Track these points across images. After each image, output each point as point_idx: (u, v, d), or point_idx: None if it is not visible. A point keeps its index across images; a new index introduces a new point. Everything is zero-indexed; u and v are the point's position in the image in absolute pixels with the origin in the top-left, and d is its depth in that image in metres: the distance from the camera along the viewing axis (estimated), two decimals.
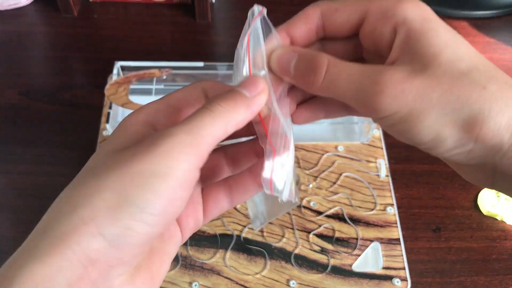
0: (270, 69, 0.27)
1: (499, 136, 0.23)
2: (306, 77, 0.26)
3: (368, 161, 0.53)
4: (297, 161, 0.52)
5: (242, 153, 0.29)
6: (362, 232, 0.48)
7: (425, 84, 0.23)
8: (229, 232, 0.47)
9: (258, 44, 0.28)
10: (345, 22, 0.27)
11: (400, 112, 0.24)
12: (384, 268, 0.46)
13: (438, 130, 0.23)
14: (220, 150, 0.29)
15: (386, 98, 0.24)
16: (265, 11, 0.27)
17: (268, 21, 0.28)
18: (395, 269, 0.46)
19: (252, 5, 0.28)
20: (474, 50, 0.24)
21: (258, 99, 0.26)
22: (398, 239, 0.48)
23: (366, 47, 0.27)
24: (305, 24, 0.28)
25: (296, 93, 0.29)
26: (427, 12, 0.25)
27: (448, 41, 0.24)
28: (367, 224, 0.49)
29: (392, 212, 0.49)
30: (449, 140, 0.24)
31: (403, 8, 0.25)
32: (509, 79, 0.24)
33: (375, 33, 0.26)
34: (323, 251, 0.47)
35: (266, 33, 0.28)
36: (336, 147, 0.54)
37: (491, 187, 0.25)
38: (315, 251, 0.47)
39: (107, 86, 0.54)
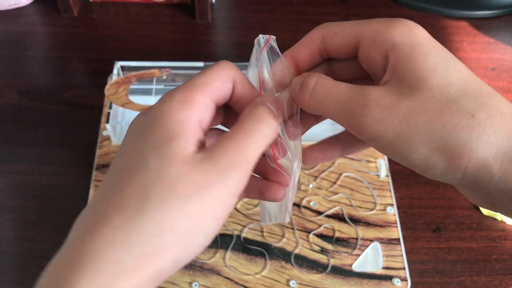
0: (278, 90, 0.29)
1: (488, 167, 0.22)
2: (298, 95, 0.27)
3: (368, 161, 0.53)
4: None
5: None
6: (362, 232, 0.48)
7: (411, 108, 0.23)
8: (229, 232, 0.47)
9: (266, 71, 0.29)
10: (343, 46, 0.27)
11: (386, 135, 0.24)
12: (384, 268, 0.46)
13: (426, 156, 0.23)
14: None
15: (372, 121, 0.24)
16: (272, 40, 0.28)
17: (276, 49, 0.29)
18: (395, 269, 0.46)
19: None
20: (467, 73, 0.24)
21: (279, 120, 0.27)
22: (398, 239, 0.48)
23: (365, 69, 0.28)
24: (307, 48, 0.29)
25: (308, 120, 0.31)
26: (418, 36, 0.25)
27: (437, 66, 0.24)
28: (367, 224, 0.49)
29: (392, 212, 0.49)
30: (438, 167, 0.23)
31: (392, 34, 0.25)
32: (503, 104, 0.23)
33: (369, 58, 0.26)
34: (323, 251, 0.47)
35: (273, 58, 0.29)
36: None
37: (495, 210, 0.25)
38: (315, 251, 0.47)
39: (107, 86, 0.54)
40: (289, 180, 0.28)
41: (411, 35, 0.25)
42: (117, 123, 0.53)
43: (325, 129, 0.56)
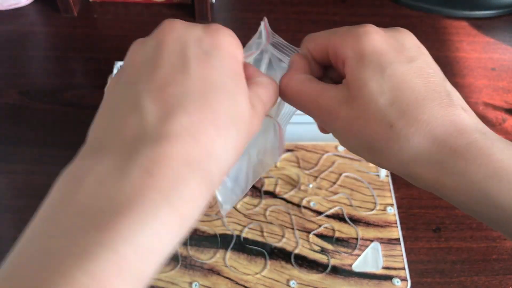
0: None
1: (406, 170, 0.27)
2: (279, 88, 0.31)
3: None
4: (297, 161, 0.52)
5: None
6: (362, 232, 0.48)
7: (349, 115, 0.27)
8: (229, 232, 0.47)
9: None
10: (322, 59, 0.31)
11: (334, 133, 0.29)
12: (384, 268, 0.46)
13: (360, 154, 0.29)
14: None
15: (322, 122, 0.30)
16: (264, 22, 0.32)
17: (268, 30, 0.32)
18: (395, 269, 0.46)
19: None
20: (402, 78, 0.26)
21: None
22: (398, 239, 0.48)
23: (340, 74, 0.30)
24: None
25: None
26: (364, 46, 0.27)
27: (375, 74, 0.26)
28: (367, 224, 0.49)
29: (392, 212, 0.49)
30: (369, 161, 0.29)
31: (345, 47, 0.28)
32: (425, 110, 0.25)
33: (337, 67, 0.30)
34: (323, 251, 0.47)
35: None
36: (336, 147, 0.54)
37: None
38: (315, 251, 0.47)
39: (107, 86, 0.54)
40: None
41: (358, 47, 0.27)
42: None
43: None
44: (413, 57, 0.27)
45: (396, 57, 0.27)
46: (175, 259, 0.45)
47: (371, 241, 0.47)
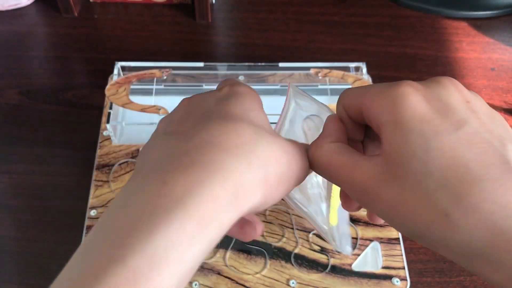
0: None
1: (462, 262, 0.22)
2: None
3: None
4: None
5: None
6: (362, 231, 0.48)
7: (392, 198, 0.23)
8: None
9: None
10: (357, 119, 0.28)
11: (376, 213, 0.25)
12: (384, 267, 0.46)
13: (413, 239, 0.24)
14: None
15: (360, 202, 0.26)
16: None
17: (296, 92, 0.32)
18: (394, 268, 0.46)
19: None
20: (452, 154, 0.22)
21: None
22: (398, 239, 0.48)
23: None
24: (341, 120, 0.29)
25: None
26: (400, 110, 0.23)
27: (417, 149, 0.22)
28: (367, 223, 0.49)
29: None
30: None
31: (378, 110, 0.25)
32: (486, 195, 0.21)
33: (373, 128, 0.26)
34: (323, 250, 0.47)
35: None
36: None
37: None
38: (315, 250, 0.47)
39: (108, 86, 0.54)
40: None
41: (394, 111, 0.24)
42: (118, 123, 0.53)
43: None
44: (461, 120, 0.23)
45: (441, 124, 0.23)
46: None
47: (371, 240, 0.48)
